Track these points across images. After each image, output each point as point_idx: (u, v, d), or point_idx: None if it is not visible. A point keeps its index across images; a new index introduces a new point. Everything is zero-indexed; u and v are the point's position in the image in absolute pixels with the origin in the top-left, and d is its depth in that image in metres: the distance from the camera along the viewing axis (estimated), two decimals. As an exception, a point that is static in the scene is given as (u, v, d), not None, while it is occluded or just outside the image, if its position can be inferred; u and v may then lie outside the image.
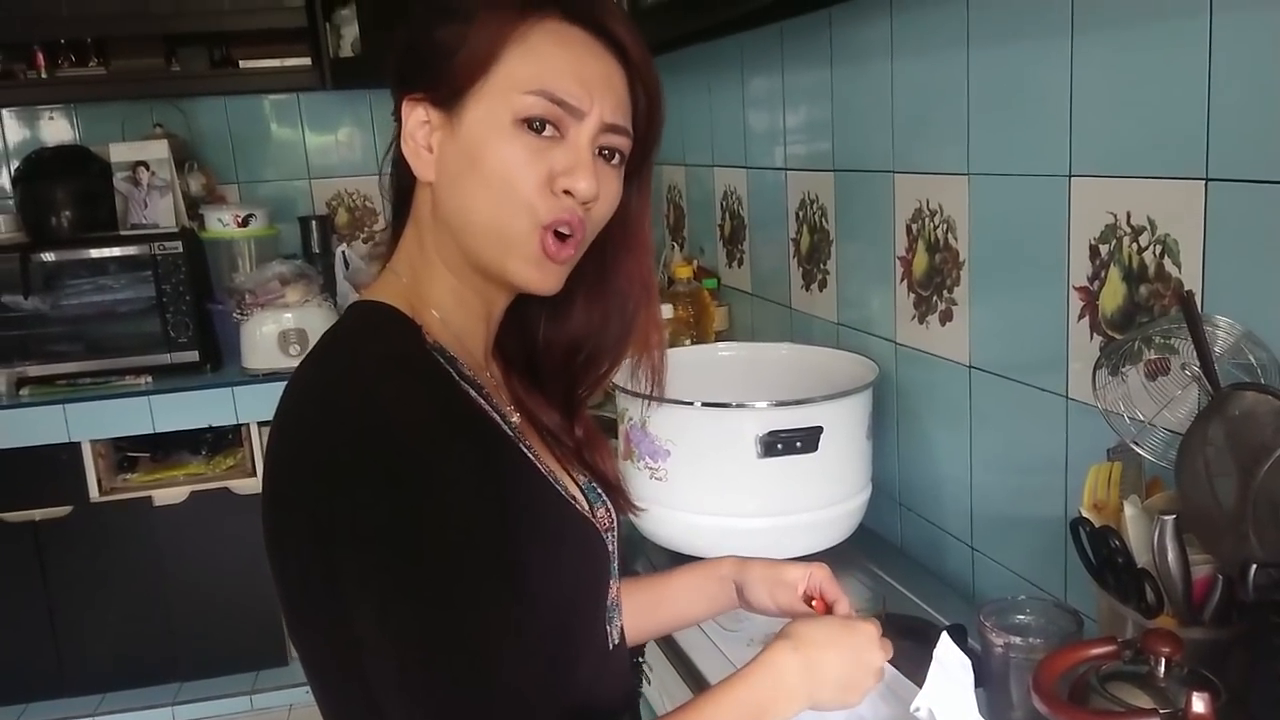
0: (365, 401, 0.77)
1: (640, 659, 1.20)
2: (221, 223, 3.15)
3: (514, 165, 0.83)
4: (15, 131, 3.34)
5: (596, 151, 0.86)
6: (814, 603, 1.04)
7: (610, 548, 0.97)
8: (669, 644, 1.41)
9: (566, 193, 0.84)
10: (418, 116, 0.87)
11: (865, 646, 0.93)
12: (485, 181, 0.84)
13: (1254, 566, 0.87)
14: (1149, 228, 1.16)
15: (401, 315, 0.86)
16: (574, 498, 0.93)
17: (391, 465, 0.75)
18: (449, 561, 0.74)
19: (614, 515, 1.00)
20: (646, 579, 1.16)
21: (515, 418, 0.93)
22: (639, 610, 1.10)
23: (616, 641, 0.99)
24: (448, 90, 0.85)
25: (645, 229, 0.97)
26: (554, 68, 0.83)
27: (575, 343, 0.99)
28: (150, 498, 2.93)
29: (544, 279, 0.87)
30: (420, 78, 0.86)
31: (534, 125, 0.83)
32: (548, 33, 0.84)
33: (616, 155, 0.89)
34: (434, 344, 0.86)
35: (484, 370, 0.93)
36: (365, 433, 0.76)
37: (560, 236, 0.85)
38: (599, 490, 1.00)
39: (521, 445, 0.89)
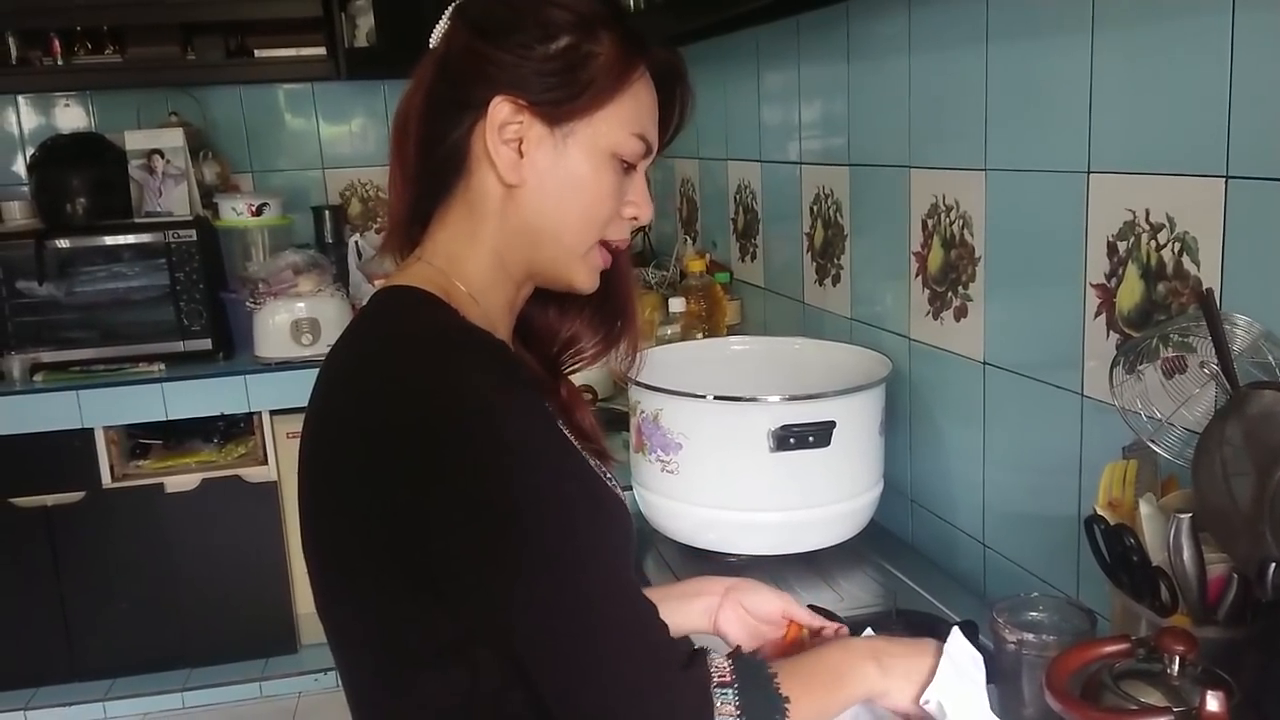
0: (429, 365, 0.80)
1: None
2: (235, 212, 3.16)
3: (607, 194, 0.92)
4: (31, 118, 3.35)
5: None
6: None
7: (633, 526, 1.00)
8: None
9: (632, 218, 0.95)
10: (505, 115, 0.88)
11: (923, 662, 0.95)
12: (579, 202, 0.91)
13: (1273, 565, 0.86)
14: (1168, 225, 1.15)
15: (436, 298, 0.88)
16: (605, 474, 0.97)
17: (468, 424, 0.77)
18: (542, 519, 0.78)
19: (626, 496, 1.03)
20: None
21: None
22: None
23: None
24: (564, 107, 0.88)
25: None
26: (648, 115, 0.93)
27: (552, 329, 1.03)
28: (162, 484, 2.95)
29: (594, 284, 0.96)
30: (531, 85, 0.87)
31: (624, 161, 0.91)
32: (645, 81, 0.93)
33: None
34: (473, 327, 0.88)
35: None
36: (436, 397, 0.78)
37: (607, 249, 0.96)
38: (610, 476, 1.02)
39: (559, 422, 0.93)
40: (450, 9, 0.93)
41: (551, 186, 0.89)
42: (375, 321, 0.88)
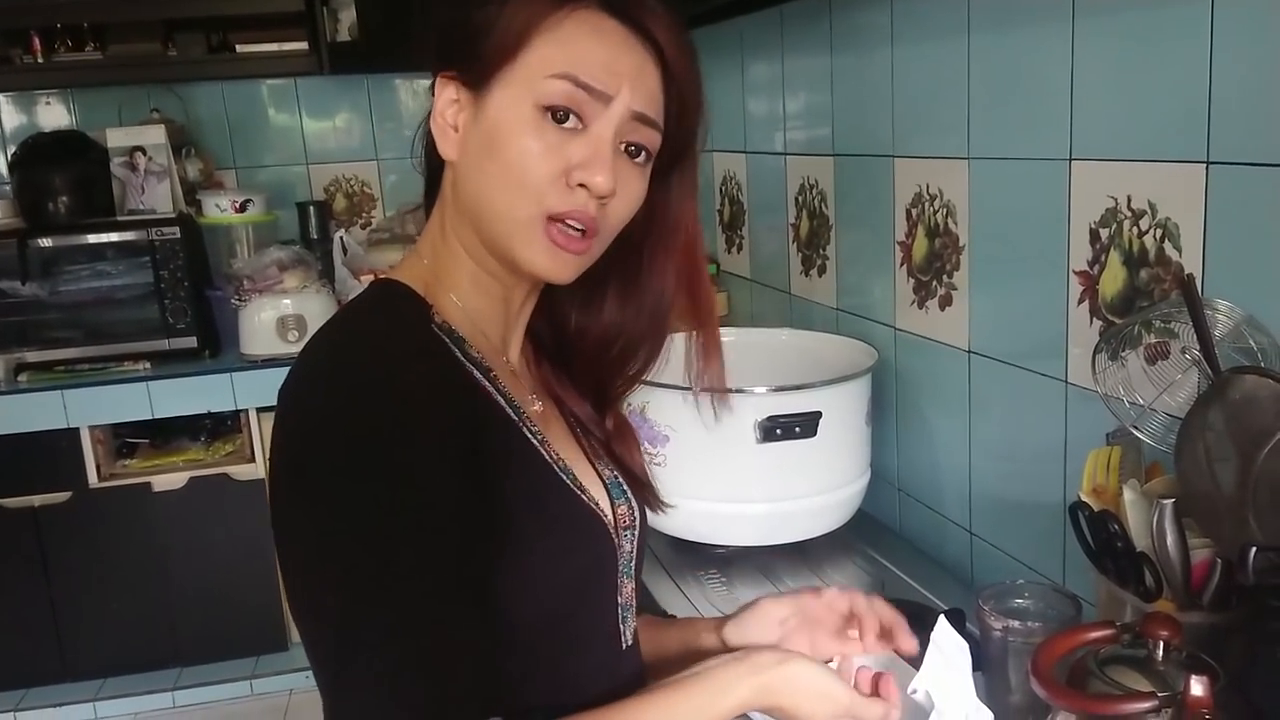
0: (347, 375, 0.78)
1: None
2: (219, 208, 3.14)
3: (530, 156, 0.81)
4: (12, 117, 3.32)
5: (622, 147, 0.84)
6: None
7: (622, 544, 0.95)
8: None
9: (582, 186, 0.82)
10: (448, 95, 0.86)
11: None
12: (500, 168, 0.83)
13: (1254, 550, 0.86)
14: (1149, 211, 1.16)
15: (412, 293, 0.86)
16: (583, 488, 0.91)
17: (359, 440, 0.74)
18: (392, 543, 0.73)
19: (636, 514, 0.98)
20: (653, 620, 1.12)
21: (536, 406, 0.93)
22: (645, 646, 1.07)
23: (630, 642, 0.97)
24: (477, 71, 0.84)
25: (687, 227, 0.94)
26: (583, 54, 0.82)
27: (608, 336, 0.97)
28: (149, 484, 2.93)
29: (556, 268, 0.85)
30: (453, 56, 0.86)
31: (557, 115, 0.81)
32: (581, 21, 0.83)
33: (643, 153, 0.86)
34: (442, 324, 0.86)
35: (499, 354, 0.92)
36: (341, 405, 0.76)
37: (572, 228, 0.83)
38: (624, 487, 0.98)
39: (527, 430, 0.88)
40: None
41: (476, 154, 0.84)
42: (343, 317, 0.87)
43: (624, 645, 0.96)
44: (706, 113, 0.90)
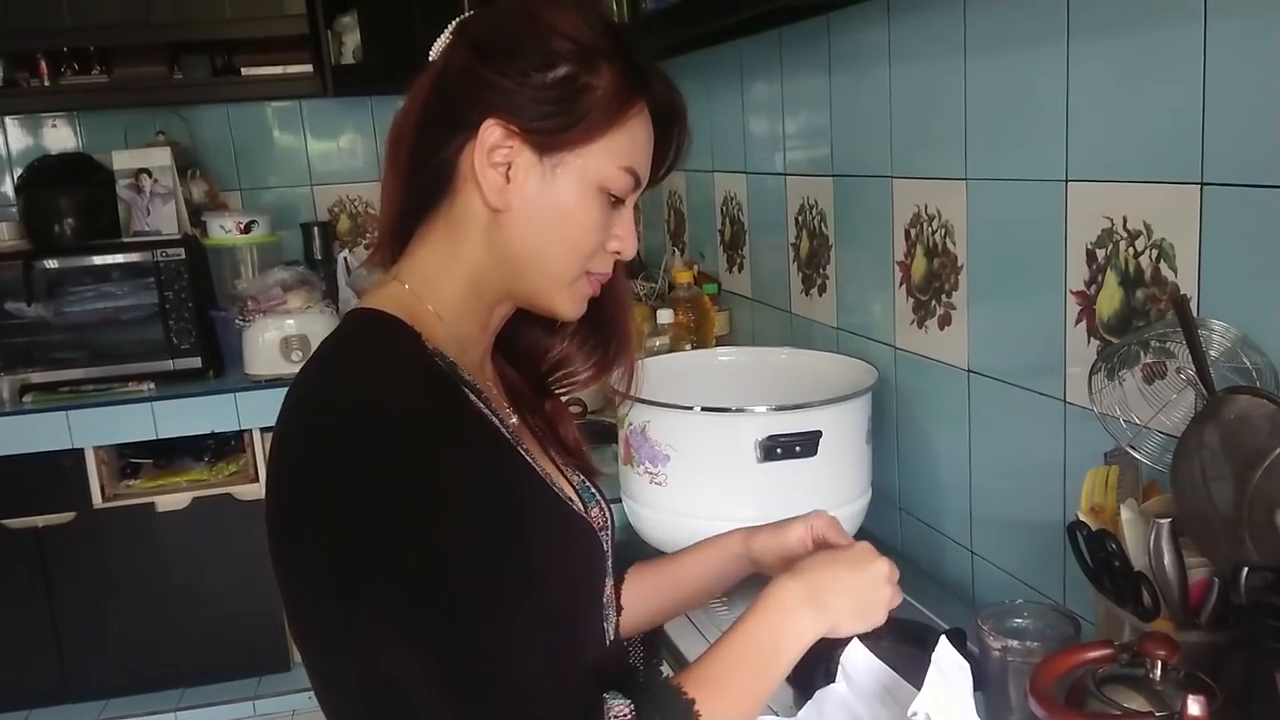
0: (368, 410, 0.79)
1: (656, 661, 1.20)
2: (224, 229, 3.16)
3: (591, 229, 0.91)
4: (19, 139, 3.35)
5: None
6: None
7: (605, 547, 0.99)
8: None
9: (616, 252, 0.95)
10: (496, 139, 0.87)
11: (871, 578, 0.94)
12: (563, 233, 0.90)
13: (1245, 569, 0.87)
14: (1145, 232, 1.16)
15: (401, 323, 0.87)
16: (570, 499, 0.95)
17: (394, 473, 0.76)
18: (451, 569, 0.76)
19: (608, 514, 1.02)
20: (657, 562, 1.18)
21: (513, 419, 0.95)
22: (657, 591, 1.13)
23: (613, 637, 1.01)
24: (556, 136, 0.87)
25: None
26: (642, 150, 0.92)
27: (549, 343, 1.04)
28: (153, 504, 2.94)
29: (575, 314, 0.96)
30: (522, 113, 0.87)
31: (612, 195, 0.91)
32: (644, 119, 0.92)
33: None
34: (434, 350, 0.87)
35: (481, 373, 0.95)
36: (368, 440, 0.78)
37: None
38: (593, 490, 1.03)
39: (520, 449, 0.91)
40: (453, 24, 0.92)
41: (537, 215, 0.89)
42: (338, 351, 0.88)
43: (608, 642, 1.00)
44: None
